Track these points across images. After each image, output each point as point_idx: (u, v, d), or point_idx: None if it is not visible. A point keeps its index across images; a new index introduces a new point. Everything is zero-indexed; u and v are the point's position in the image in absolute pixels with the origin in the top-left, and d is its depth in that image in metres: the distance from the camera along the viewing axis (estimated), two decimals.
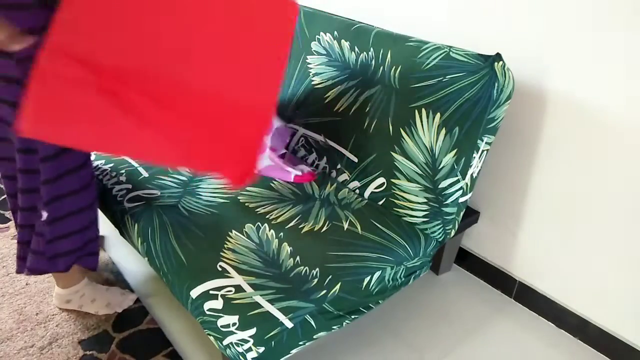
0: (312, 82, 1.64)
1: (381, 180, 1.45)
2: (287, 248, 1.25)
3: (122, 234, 1.45)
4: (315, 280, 1.16)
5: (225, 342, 1.06)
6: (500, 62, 1.24)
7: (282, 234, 1.29)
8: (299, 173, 1.54)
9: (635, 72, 1.20)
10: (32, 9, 1.04)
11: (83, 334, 1.42)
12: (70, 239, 1.30)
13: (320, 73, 1.63)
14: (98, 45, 0.94)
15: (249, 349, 1.04)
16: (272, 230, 1.30)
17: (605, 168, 1.31)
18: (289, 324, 1.07)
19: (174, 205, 1.38)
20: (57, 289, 1.46)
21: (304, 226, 1.33)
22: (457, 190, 1.33)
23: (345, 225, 1.34)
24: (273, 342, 1.06)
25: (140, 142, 1.00)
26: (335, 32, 1.60)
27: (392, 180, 1.42)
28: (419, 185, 1.37)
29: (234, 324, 1.05)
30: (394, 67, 1.43)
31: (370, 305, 1.25)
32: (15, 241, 1.75)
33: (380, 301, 1.28)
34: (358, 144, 1.50)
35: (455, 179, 1.32)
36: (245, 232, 1.29)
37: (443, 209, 1.35)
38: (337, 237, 1.29)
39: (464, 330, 1.51)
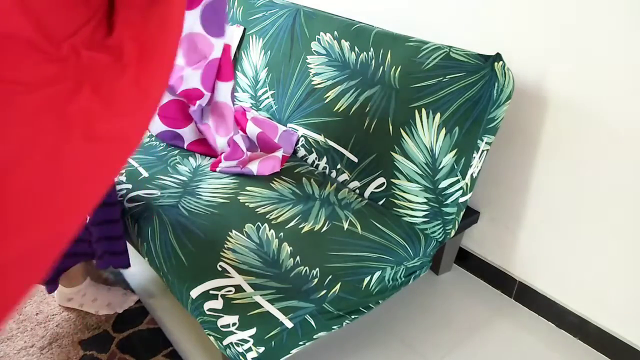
0: (312, 82, 1.64)
1: (381, 180, 1.45)
2: (287, 248, 1.25)
3: None
4: (315, 280, 1.16)
5: (225, 342, 1.06)
6: (500, 62, 1.24)
7: (282, 234, 1.29)
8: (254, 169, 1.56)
9: (635, 72, 1.20)
10: None
11: (83, 334, 1.42)
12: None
13: (320, 73, 1.63)
14: None
15: (249, 349, 1.04)
16: (272, 230, 1.30)
17: (605, 168, 1.31)
18: (289, 324, 1.07)
19: (174, 205, 1.38)
20: (59, 287, 1.47)
21: (304, 226, 1.33)
22: (457, 190, 1.33)
23: (345, 225, 1.34)
24: (273, 342, 1.06)
25: None
26: (335, 32, 1.60)
27: (392, 180, 1.42)
28: (419, 185, 1.37)
29: (234, 324, 1.05)
30: (394, 67, 1.43)
31: (370, 305, 1.25)
32: None
33: (380, 301, 1.28)
34: (358, 144, 1.50)
35: (455, 179, 1.32)
36: (245, 232, 1.29)
37: (443, 209, 1.35)
38: (337, 237, 1.29)
39: (464, 330, 1.51)
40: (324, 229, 1.32)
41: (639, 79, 1.20)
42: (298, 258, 1.22)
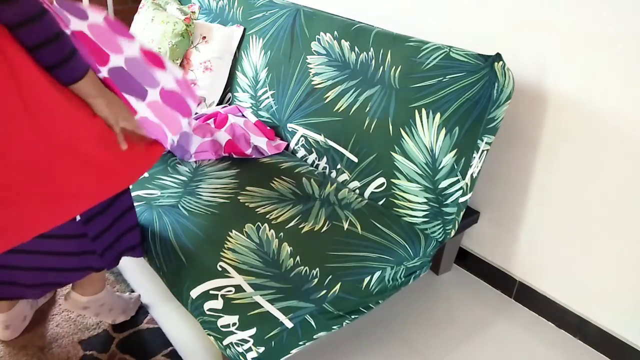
0: (312, 82, 1.64)
1: (381, 180, 1.45)
2: (287, 248, 1.25)
3: None
4: (315, 280, 1.16)
5: (225, 342, 1.06)
6: (500, 62, 1.24)
7: (282, 234, 1.29)
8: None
9: (635, 72, 1.20)
10: None
11: (83, 334, 1.42)
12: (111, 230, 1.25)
13: (320, 73, 1.63)
14: None
15: (249, 349, 1.04)
16: (272, 230, 1.30)
17: (605, 168, 1.31)
18: (289, 324, 1.07)
19: (174, 205, 1.38)
20: (75, 295, 1.33)
21: (304, 226, 1.33)
22: (457, 190, 1.33)
23: (345, 225, 1.34)
24: (273, 342, 1.06)
25: None
26: (335, 32, 1.60)
27: (392, 180, 1.42)
28: (419, 185, 1.37)
29: (234, 324, 1.05)
30: (394, 67, 1.43)
31: (370, 305, 1.25)
32: None
33: (380, 301, 1.28)
34: (358, 144, 1.50)
35: (455, 179, 1.32)
36: (245, 232, 1.29)
37: (443, 209, 1.35)
38: (337, 237, 1.29)
39: (464, 330, 1.51)
40: (324, 229, 1.32)
41: (639, 78, 1.20)
42: (298, 258, 1.22)
